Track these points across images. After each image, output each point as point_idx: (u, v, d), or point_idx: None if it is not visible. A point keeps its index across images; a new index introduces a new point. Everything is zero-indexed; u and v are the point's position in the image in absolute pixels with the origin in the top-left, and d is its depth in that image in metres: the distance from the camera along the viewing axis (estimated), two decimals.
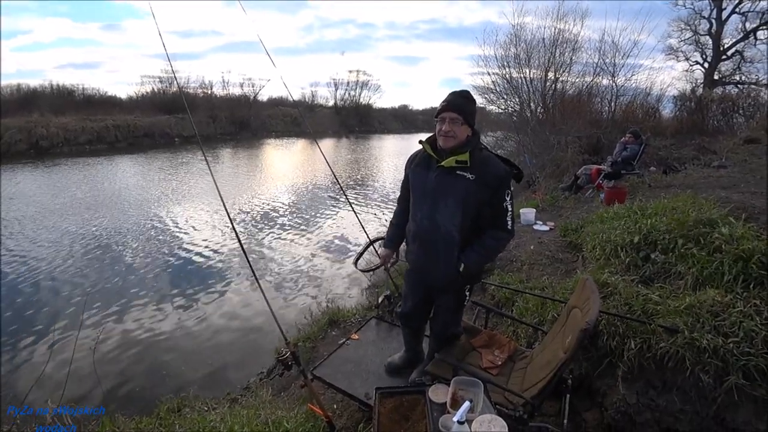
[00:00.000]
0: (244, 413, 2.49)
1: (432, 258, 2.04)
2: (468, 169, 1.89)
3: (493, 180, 1.89)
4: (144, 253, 7.04)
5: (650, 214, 3.36)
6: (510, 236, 2.00)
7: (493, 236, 1.97)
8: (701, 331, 2.00)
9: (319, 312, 4.33)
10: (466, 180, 1.89)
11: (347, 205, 10.09)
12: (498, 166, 1.92)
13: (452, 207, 1.93)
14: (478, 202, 1.91)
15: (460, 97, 1.94)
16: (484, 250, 1.98)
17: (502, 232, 1.96)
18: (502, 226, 1.95)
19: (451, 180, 1.92)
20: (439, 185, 1.95)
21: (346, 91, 37.32)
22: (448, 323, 2.26)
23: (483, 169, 1.89)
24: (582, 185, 6.79)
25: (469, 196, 1.90)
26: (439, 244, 1.99)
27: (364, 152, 24.09)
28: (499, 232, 1.96)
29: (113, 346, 4.43)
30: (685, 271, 2.55)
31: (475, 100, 2.02)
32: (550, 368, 1.85)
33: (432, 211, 1.98)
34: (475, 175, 1.88)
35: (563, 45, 10.70)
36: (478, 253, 1.97)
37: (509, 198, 1.93)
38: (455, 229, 1.95)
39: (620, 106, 10.70)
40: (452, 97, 1.94)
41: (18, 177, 13.88)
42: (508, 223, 1.95)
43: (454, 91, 1.97)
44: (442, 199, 1.95)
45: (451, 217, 1.94)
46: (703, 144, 9.09)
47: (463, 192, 1.90)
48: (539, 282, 3.41)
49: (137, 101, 27.83)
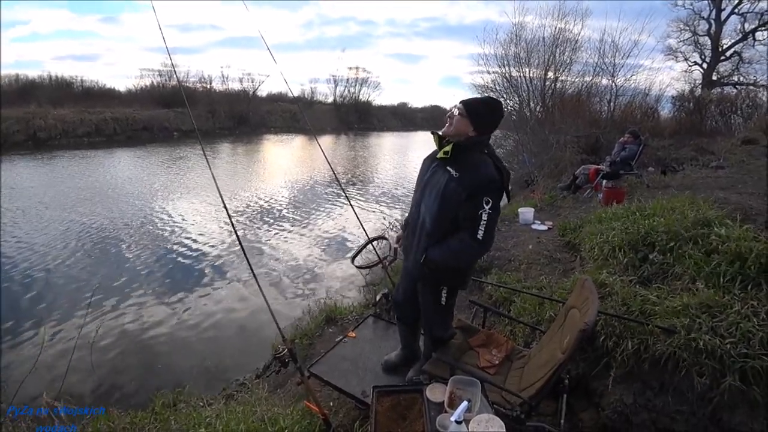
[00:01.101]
0: (239, 410, 2.49)
1: (410, 244, 2.12)
2: (454, 165, 1.90)
3: (472, 182, 1.85)
4: (141, 247, 7.01)
5: (649, 215, 3.37)
6: (478, 246, 1.89)
7: (460, 239, 1.91)
8: (698, 332, 2.00)
9: (316, 309, 4.33)
10: (449, 175, 1.90)
11: (345, 203, 10.09)
12: (486, 172, 1.87)
13: (432, 198, 1.96)
14: (456, 201, 1.88)
15: (477, 99, 2.01)
16: (447, 250, 1.94)
17: (471, 239, 1.87)
18: (471, 233, 1.87)
19: (440, 173, 1.95)
20: (432, 176, 2.00)
21: (346, 87, 37.35)
22: (430, 323, 2.24)
23: (468, 170, 1.88)
24: (580, 185, 6.80)
25: (448, 192, 1.89)
26: (417, 230, 2.05)
27: (363, 149, 24.05)
28: (468, 237, 1.88)
29: (109, 340, 4.42)
30: (683, 272, 2.55)
31: (495, 110, 1.97)
32: (548, 368, 1.85)
33: (419, 199, 2.05)
34: (459, 173, 1.88)
35: (563, 44, 10.74)
36: (441, 250, 1.95)
37: (488, 207, 1.84)
38: (430, 219, 1.97)
39: (619, 106, 10.74)
40: (470, 98, 1.99)
41: (17, 168, 13.81)
42: (478, 232, 1.85)
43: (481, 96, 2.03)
44: (428, 190, 1.99)
45: (430, 207, 1.97)
46: (701, 145, 9.10)
47: (443, 186, 1.91)
48: (537, 281, 3.41)
49: (136, 94, 27.63)
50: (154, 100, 26.18)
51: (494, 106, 1.98)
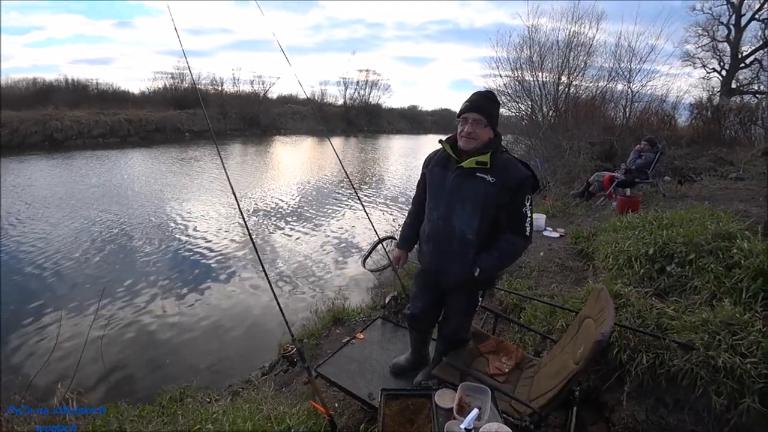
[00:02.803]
0: (246, 407, 2.49)
1: (446, 260, 1.99)
2: (488, 171, 1.84)
3: (513, 183, 1.84)
4: (153, 245, 7.08)
5: (666, 225, 3.29)
6: (527, 242, 1.94)
7: (510, 241, 1.91)
8: (718, 350, 1.93)
9: (324, 309, 4.32)
10: (486, 182, 1.84)
11: (355, 204, 10.11)
12: (519, 170, 1.87)
13: (470, 210, 1.89)
14: (496, 206, 1.87)
15: (484, 98, 1.90)
16: (499, 255, 1.92)
17: (519, 237, 1.90)
18: (519, 231, 1.90)
19: (470, 182, 1.87)
20: (457, 187, 1.91)
21: (356, 90, 37.37)
22: (458, 327, 2.21)
23: (504, 172, 1.84)
24: (594, 192, 6.69)
25: (488, 200, 1.85)
26: (454, 245, 1.95)
27: (373, 152, 24.07)
28: (516, 237, 1.90)
29: (119, 334, 4.48)
30: (702, 286, 2.48)
31: (499, 102, 1.98)
32: (559, 378, 1.81)
33: (448, 212, 1.94)
34: (495, 177, 1.83)
35: (578, 48, 10.60)
36: (493, 257, 1.92)
37: (529, 203, 1.88)
38: (471, 231, 1.90)
39: (635, 112, 10.59)
40: (476, 98, 1.89)
41: (34, 167, 14.13)
42: (526, 229, 1.90)
43: (477, 92, 1.93)
44: (459, 201, 1.91)
45: (467, 220, 1.90)
46: (719, 154, 8.90)
47: (482, 195, 1.85)
48: (548, 289, 3.36)
49: (149, 96, 28.23)
50: (167, 101, 26.78)
51: (494, 97, 1.95)
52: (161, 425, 2.44)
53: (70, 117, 20.57)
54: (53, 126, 19.76)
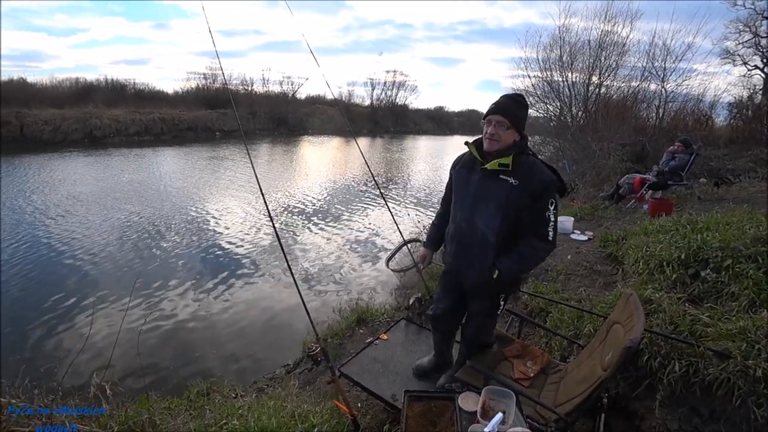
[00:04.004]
0: (271, 404, 2.53)
1: (467, 260, 2.00)
2: (511, 173, 1.84)
3: (537, 186, 1.83)
4: (184, 240, 7.33)
5: (701, 229, 3.16)
6: (550, 247, 1.91)
7: (530, 245, 1.89)
8: (757, 359, 1.85)
9: (347, 309, 4.36)
10: (509, 184, 1.84)
11: (380, 204, 10.15)
12: (544, 173, 1.85)
13: (492, 210, 1.89)
14: (518, 208, 1.86)
15: (510, 100, 1.90)
16: (519, 258, 1.91)
17: (541, 241, 1.87)
18: (541, 235, 1.87)
19: (494, 183, 1.88)
20: (481, 188, 1.92)
21: (383, 91, 37.54)
22: (480, 330, 2.20)
23: (527, 174, 1.83)
24: (624, 195, 6.49)
25: (510, 201, 1.85)
26: (475, 247, 1.96)
27: (399, 152, 24.11)
28: (538, 241, 1.88)
29: (149, 326, 4.64)
30: (740, 292, 2.37)
31: (527, 105, 1.96)
32: (587, 385, 1.77)
33: (471, 213, 1.95)
34: (519, 180, 1.83)
35: (609, 48, 10.29)
36: (512, 261, 1.91)
37: (553, 207, 1.85)
38: (492, 233, 1.91)
39: (669, 112, 10.20)
40: (502, 100, 1.90)
41: (76, 163, 14.96)
42: (549, 234, 1.86)
43: (505, 94, 1.93)
44: (482, 202, 1.91)
45: (489, 221, 1.90)
46: (760, 155, 8.46)
47: (504, 197, 1.85)
48: (575, 293, 3.28)
49: (182, 96, 29.18)
50: (199, 101, 27.62)
51: (522, 101, 1.94)
52: (189, 418, 2.51)
53: (108, 115, 21.59)
54: (93, 124, 20.79)
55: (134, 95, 26.66)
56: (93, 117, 20.96)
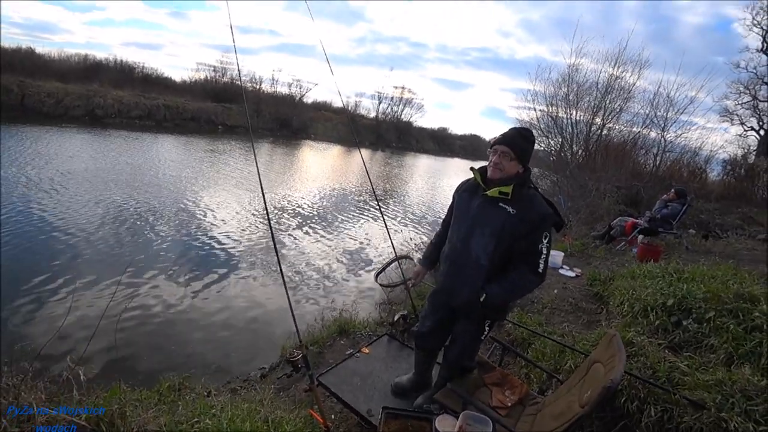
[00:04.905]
0: (245, 406, 2.49)
1: (459, 280, 2.05)
2: (509, 202, 1.90)
3: (534, 218, 1.88)
4: (173, 232, 7.25)
5: (687, 279, 3.24)
6: (539, 279, 1.95)
7: (520, 274, 1.94)
8: (730, 412, 1.88)
9: (330, 318, 4.33)
10: (507, 212, 1.90)
11: (374, 216, 10.17)
12: (542, 206, 1.92)
13: (487, 236, 1.95)
14: (513, 237, 1.91)
15: (517, 134, 1.97)
16: (508, 285, 1.96)
17: (531, 273, 1.92)
18: (532, 266, 1.91)
19: (492, 210, 1.94)
20: (480, 213, 1.98)
21: (389, 105, 37.84)
22: (463, 353, 2.21)
23: (526, 205, 1.90)
24: (615, 236, 6.60)
25: (505, 229, 1.90)
26: (468, 267, 2.01)
27: (399, 168, 24.25)
28: (528, 271, 1.92)
29: (127, 315, 4.52)
30: (719, 345, 2.42)
31: (534, 141, 2.02)
32: (563, 420, 1.78)
33: (467, 235, 2.01)
34: (516, 209, 1.89)
35: (616, 92, 10.56)
36: (501, 287, 1.96)
37: (546, 241, 1.90)
38: (486, 256, 1.96)
39: (665, 161, 10.44)
40: (510, 133, 1.98)
41: (74, 138, 14.88)
42: (539, 266, 1.90)
43: (514, 128, 2.02)
44: (479, 226, 1.97)
45: (484, 246, 1.96)
46: (749, 214, 8.68)
47: (500, 224, 1.91)
48: (559, 328, 3.31)
49: (189, 86, 29.04)
50: (206, 93, 27.53)
51: (529, 136, 2.00)
52: (159, 413, 2.46)
53: (113, 96, 21.46)
54: (96, 102, 20.66)
55: (141, 79, 26.49)
56: (97, 95, 20.85)
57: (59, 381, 2.31)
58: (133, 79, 25.79)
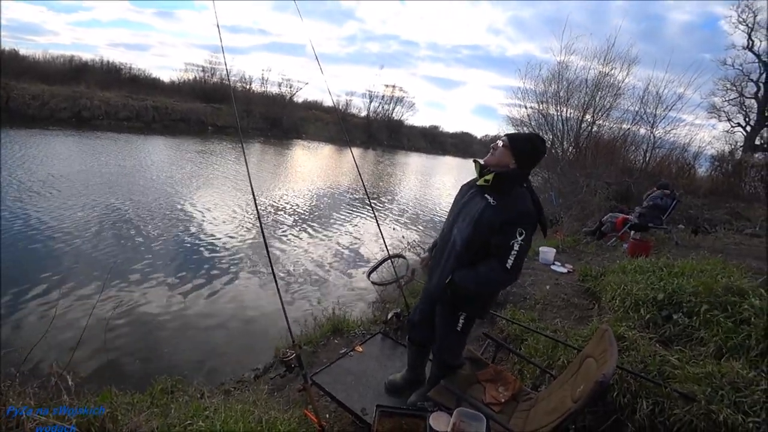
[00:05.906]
0: (238, 408, 2.48)
1: (437, 266, 2.15)
2: (493, 194, 1.94)
3: (511, 212, 1.89)
4: (163, 233, 7.18)
5: (677, 273, 3.27)
6: (507, 276, 1.92)
7: (489, 266, 1.93)
8: (720, 404, 1.91)
9: (323, 318, 4.32)
10: (487, 202, 1.94)
11: (366, 215, 10.16)
12: (524, 204, 1.92)
13: (467, 222, 2.00)
14: (490, 228, 1.92)
15: (523, 134, 2.11)
16: (474, 274, 1.97)
17: (499, 267, 1.89)
18: (501, 261, 1.89)
19: (477, 199, 2.00)
20: (468, 202, 2.04)
21: (380, 104, 37.75)
22: (441, 344, 2.22)
23: (508, 200, 1.92)
24: (606, 232, 6.65)
25: (483, 218, 1.93)
26: (447, 252, 2.08)
27: (390, 166, 24.25)
28: (496, 265, 1.90)
29: (118, 318, 4.48)
30: (709, 339, 2.45)
31: (537, 148, 2.00)
32: (556, 415, 1.79)
33: (453, 222, 2.08)
34: (497, 201, 1.92)
35: (605, 89, 10.65)
36: (467, 274, 1.98)
37: (521, 238, 1.87)
38: (461, 243, 2.01)
39: (655, 157, 10.56)
40: (516, 133, 2.09)
41: (59, 141, 14.63)
42: (508, 261, 1.88)
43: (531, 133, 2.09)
44: (462, 214, 2.04)
45: (462, 231, 2.01)
46: (736, 209, 8.82)
47: (478, 212, 1.95)
48: (551, 324, 3.33)
49: (178, 86, 28.68)
50: (195, 94, 27.21)
51: (537, 144, 2.01)
52: (152, 416, 2.43)
53: (99, 97, 21.10)
54: (82, 104, 20.29)
55: (129, 80, 26.07)
56: (83, 97, 20.48)
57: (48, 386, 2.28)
58: (121, 80, 25.40)
